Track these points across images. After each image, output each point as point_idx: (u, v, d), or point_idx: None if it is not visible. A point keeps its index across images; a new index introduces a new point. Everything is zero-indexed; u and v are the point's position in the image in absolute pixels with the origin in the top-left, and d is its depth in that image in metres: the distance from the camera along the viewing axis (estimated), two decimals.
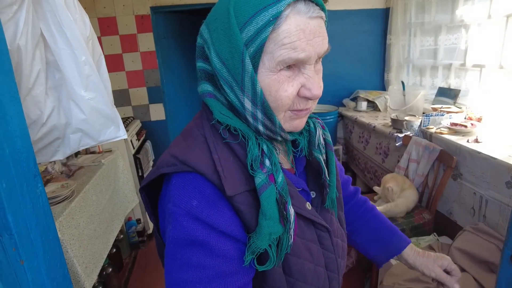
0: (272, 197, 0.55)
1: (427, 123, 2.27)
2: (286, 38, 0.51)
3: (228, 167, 0.55)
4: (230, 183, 0.54)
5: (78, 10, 0.71)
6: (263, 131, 0.58)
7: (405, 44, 3.42)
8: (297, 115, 0.59)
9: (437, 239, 1.97)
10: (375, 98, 3.29)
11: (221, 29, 0.54)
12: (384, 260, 0.88)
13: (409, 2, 3.23)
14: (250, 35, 0.51)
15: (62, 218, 1.51)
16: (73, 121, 0.73)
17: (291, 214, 0.57)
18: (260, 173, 0.55)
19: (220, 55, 0.54)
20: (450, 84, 2.82)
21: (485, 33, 2.44)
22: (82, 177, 2.04)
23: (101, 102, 0.71)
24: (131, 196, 2.65)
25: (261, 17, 0.50)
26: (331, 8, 3.47)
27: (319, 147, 0.68)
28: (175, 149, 0.58)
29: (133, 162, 2.75)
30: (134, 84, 3.34)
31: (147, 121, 3.44)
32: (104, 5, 3.09)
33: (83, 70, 0.66)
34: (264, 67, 0.53)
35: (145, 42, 3.26)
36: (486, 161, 1.74)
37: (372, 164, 2.95)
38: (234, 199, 0.54)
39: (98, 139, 0.77)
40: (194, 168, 0.54)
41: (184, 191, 0.54)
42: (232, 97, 0.57)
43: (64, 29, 0.63)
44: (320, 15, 0.54)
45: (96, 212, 1.94)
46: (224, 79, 0.56)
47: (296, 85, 0.55)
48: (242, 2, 0.52)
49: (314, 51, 0.53)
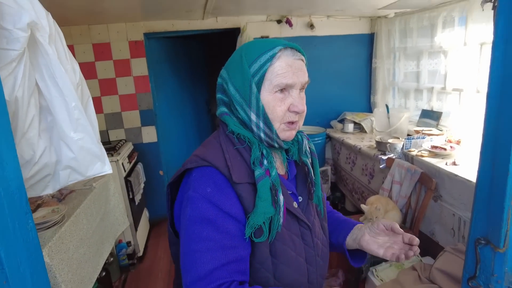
0: (266, 185, 0.75)
1: (408, 146, 2.36)
2: (279, 70, 0.77)
3: (236, 163, 0.77)
4: (236, 173, 0.75)
5: (70, 61, 0.79)
6: (264, 138, 0.80)
7: (390, 68, 3.57)
8: (289, 128, 0.81)
9: (420, 259, 2.02)
10: (362, 120, 3.39)
11: (236, 68, 0.80)
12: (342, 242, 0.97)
13: (392, 28, 3.39)
14: (256, 69, 0.77)
15: (51, 243, 1.54)
16: (63, 159, 0.80)
17: (281, 199, 0.76)
18: (259, 168, 0.76)
19: (235, 85, 0.79)
20: (433, 106, 2.94)
21: (462, 59, 2.58)
22: (73, 200, 2.07)
23: (89, 142, 0.80)
24: (121, 219, 2.68)
25: (263, 57, 0.77)
26: (319, 34, 3.61)
27: (306, 153, 0.89)
28: (197, 152, 0.80)
29: (124, 185, 2.79)
30: (127, 107, 3.41)
31: (139, 143, 3.49)
32: (99, 32, 3.20)
33: (73, 114, 0.75)
34: (264, 89, 0.78)
35: (138, 66, 3.35)
36: (462, 183, 1.82)
37: (359, 185, 3.02)
38: (239, 187, 0.75)
39: (86, 174, 0.85)
40: (210, 162, 0.75)
41: (201, 181, 0.75)
42: (242, 113, 0.80)
43: (56, 79, 0.72)
44: (301, 58, 0.81)
45: (87, 235, 1.97)
46: (237, 101, 0.79)
47: (286, 104, 0.79)
48: (250, 50, 0.79)
49: (298, 80, 0.78)
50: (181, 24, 3.35)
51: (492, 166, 0.76)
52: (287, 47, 0.78)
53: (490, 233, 0.74)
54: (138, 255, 3.04)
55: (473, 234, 0.79)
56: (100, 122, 3.37)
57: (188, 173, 0.79)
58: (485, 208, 0.77)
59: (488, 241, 0.75)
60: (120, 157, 2.79)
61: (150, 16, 3.09)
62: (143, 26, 3.28)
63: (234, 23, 3.42)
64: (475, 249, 0.78)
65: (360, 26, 3.71)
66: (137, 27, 3.27)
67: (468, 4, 2.43)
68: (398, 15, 3.27)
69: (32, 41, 0.76)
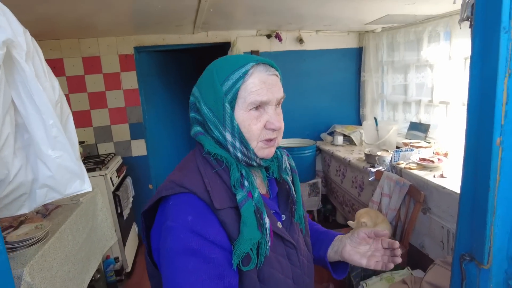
0: (250, 208, 0.71)
1: (397, 159, 2.37)
2: (253, 87, 0.74)
3: (216, 187, 0.72)
4: (218, 198, 0.70)
5: (48, 78, 0.78)
6: (241, 158, 0.76)
7: (378, 81, 3.62)
8: (267, 145, 0.78)
9: (411, 272, 2.01)
10: (351, 133, 3.42)
11: (208, 86, 0.76)
12: (324, 255, 0.96)
13: (380, 42, 3.45)
14: (228, 87, 0.74)
15: (33, 261, 1.50)
16: (40, 178, 0.78)
17: (266, 222, 0.73)
18: (240, 191, 0.72)
19: (207, 104, 0.76)
20: (421, 119, 2.98)
21: (448, 72, 2.63)
22: (58, 216, 2.03)
23: (67, 159, 0.78)
24: (109, 234, 2.63)
25: (235, 75, 0.74)
26: (308, 48, 3.66)
27: (286, 170, 0.87)
28: (173, 177, 0.75)
29: (112, 199, 2.74)
30: (117, 120, 3.39)
31: (128, 157, 3.46)
32: (88, 45, 3.19)
33: (50, 132, 0.73)
34: (238, 108, 0.75)
35: (129, 80, 3.35)
36: (450, 196, 1.83)
37: (349, 197, 3.02)
38: (221, 213, 0.70)
39: (64, 192, 0.83)
40: (189, 189, 0.70)
41: (181, 209, 0.69)
42: (217, 133, 0.76)
43: (33, 96, 0.70)
44: (275, 74, 0.78)
45: (72, 252, 1.92)
46: (211, 120, 0.76)
47: (262, 121, 0.76)
48: (221, 67, 0.76)
49: (273, 96, 0.76)
50: (171, 38, 3.37)
51: (474, 182, 0.76)
52: (260, 63, 0.76)
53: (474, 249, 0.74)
54: (126, 271, 2.97)
55: (458, 250, 0.79)
56: (89, 136, 3.33)
57: (165, 201, 0.73)
58: (468, 224, 0.77)
59: (473, 257, 0.75)
60: (108, 171, 2.75)
61: (141, 30, 3.11)
62: (133, 40, 3.29)
63: (225, 37, 3.45)
64: (460, 265, 0.78)
65: (348, 40, 3.77)
66: (128, 41, 3.27)
67: (452, 20, 2.50)
68: (385, 30, 3.34)
69: (8, 58, 0.75)
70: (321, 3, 2.34)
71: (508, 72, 0.64)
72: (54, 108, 0.77)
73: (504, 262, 0.74)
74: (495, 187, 0.68)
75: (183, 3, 2.14)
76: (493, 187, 0.68)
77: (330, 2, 2.29)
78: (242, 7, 2.43)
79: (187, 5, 2.20)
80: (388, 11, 2.56)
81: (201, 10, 2.32)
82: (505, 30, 0.63)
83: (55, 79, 0.84)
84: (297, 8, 2.50)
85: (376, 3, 2.33)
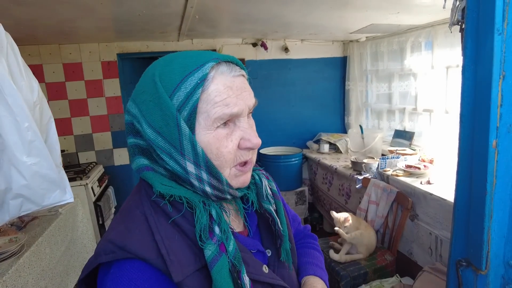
0: (224, 269, 0.53)
1: (384, 166, 2.38)
2: (217, 96, 0.54)
3: (173, 247, 0.52)
4: (177, 266, 0.51)
5: (26, 77, 0.72)
6: (211, 193, 0.57)
7: (362, 90, 3.66)
8: (242, 171, 0.60)
9: (400, 280, 2.00)
10: (337, 141, 3.43)
11: (150, 100, 0.55)
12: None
13: (364, 51, 3.51)
14: (181, 100, 0.54)
15: (6, 277, 1.40)
16: (13, 187, 0.71)
17: (246, 284, 0.55)
18: (210, 244, 0.53)
19: (153, 125, 0.55)
20: (405, 126, 3.02)
21: (431, 81, 2.68)
22: (35, 228, 1.93)
23: (45, 166, 0.71)
24: (90, 246, 2.52)
25: (189, 82, 0.54)
26: (293, 57, 3.68)
27: (267, 198, 0.68)
28: (113, 233, 0.54)
29: (94, 210, 2.65)
30: (98, 128, 3.29)
31: (111, 166, 3.36)
32: (70, 51, 3.11)
33: (25, 136, 0.66)
34: (200, 127, 0.55)
35: (111, 87, 3.27)
36: (437, 202, 1.83)
37: (336, 205, 3.01)
38: (184, 283, 0.51)
39: (42, 203, 0.76)
40: (134, 254, 0.50)
41: (120, 285, 0.50)
42: (172, 164, 0.56)
43: (6, 96, 0.64)
44: (242, 74, 0.60)
45: (49, 266, 1.82)
46: (161, 148, 0.56)
47: (235, 139, 0.57)
48: (167, 71, 0.55)
49: (245, 104, 0.57)
50: (156, 45, 3.32)
51: (469, 186, 0.75)
52: (221, 61, 0.57)
53: (471, 254, 0.73)
54: None
55: (453, 256, 0.77)
56: (70, 144, 3.22)
57: (104, 268, 0.54)
58: (464, 229, 0.75)
59: (470, 263, 0.74)
60: (89, 180, 2.66)
61: (124, 37, 3.05)
62: (116, 47, 3.22)
63: (210, 45, 3.43)
64: (456, 271, 0.76)
65: (333, 49, 3.82)
66: (111, 47, 3.21)
67: (433, 30, 2.56)
68: (369, 39, 3.40)
69: None
70: (307, 12, 2.36)
71: (503, 74, 0.63)
72: (32, 110, 0.71)
73: (501, 267, 0.73)
74: (492, 191, 0.67)
75: (168, 9, 2.11)
76: (490, 191, 0.67)
77: (316, 10, 2.31)
78: (228, 13, 2.42)
79: (173, 11, 2.17)
80: (373, 20, 2.60)
81: (187, 16, 2.30)
82: (498, 32, 0.63)
83: (34, 80, 0.78)
84: (283, 16, 2.51)
85: (361, 12, 2.37)
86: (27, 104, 0.69)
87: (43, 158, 0.71)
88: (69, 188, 0.83)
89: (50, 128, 0.79)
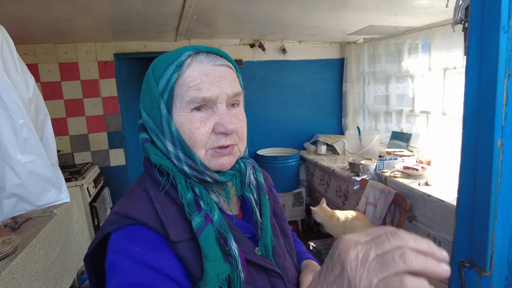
0: (210, 236, 0.56)
1: (381, 167, 2.38)
2: (191, 82, 0.60)
3: (171, 215, 0.58)
4: (174, 229, 0.56)
5: (21, 73, 0.70)
6: (189, 172, 0.61)
7: (360, 91, 3.66)
8: (219, 153, 0.63)
9: None
10: (334, 142, 3.43)
11: (146, 88, 0.65)
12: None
13: (362, 53, 3.51)
14: (163, 85, 0.61)
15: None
16: (7, 186, 0.69)
17: (234, 249, 0.57)
18: (196, 216, 0.57)
19: (146, 108, 0.65)
20: (403, 128, 3.02)
21: (428, 83, 2.69)
22: (29, 229, 1.90)
23: (41, 165, 0.69)
24: (85, 248, 2.49)
25: (169, 69, 0.61)
26: (290, 59, 3.68)
27: (250, 186, 0.68)
28: (117, 207, 0.60)
29: (89, 211, 2.61)
30: (94, 129, 3.26)
31: (106, 167, 3.32)
32: (66, 51, 3.08)
33: (20, 133, 0.64)
34: (176, 109, 0.61)
35: (108, 87, 3.24)
36: (436, 203, 1.83)
37: (334, 207, 3.00)
38: (179, 246, 0.56)
39: (37, 203, 0.74)
40: (136, 219, 0.56)
41: (126, 239, 0.55)
42: (159, 143, 0.63)
43: (0, 92, 0.62)
44: (226, 64, 0.64)
45: (43, 268, 1.79)
46: (151, 128, 0.64)
47: (210, 124, 0.61)
48: (158, 62, 0.64)
49: (220, 91, 0.61)
50: (153, 46, 3.30)
51: (473, 187, 0.74)
52: (200, 51, 0.62)
53: (474, 255, 0.72)
54: None
55: (456, 257, 0.76)
56: (65, 145, 3.19)
57: (110, 238, 0.58)
58: (467, 230, 0.74)
59: (473, 264, 0.73)
60: (85, 181, 2.63)
61: (121, 37, 3.02)
62: (113, 47, 3.20)
63: (207, 45, 3.42)
64: (459, 273, 0.75)
65: (330, 51, 3.82)
66: (107, 47, 3.18)
67: (431, 32, 2.57)
68: (367, 41, 3.40)
69: None
70: (305, 13, 2.35)
71: (508, 73, 0.63)
72: (27, 106, 0.69)
73: (505, 269, 0.72)
74: (496, 191, 0.66)
75: (166, 8, 2.09)
76: (495, 191, 0.66)
77: (314, 11, 2.31)
78: (226, 14, 2.41)
79: (170, 11, 2.15)
80: (371, 22, 2.60)
81: (185, 16, 2.28)
82: (504, 30, 0.62)
83: (30, 76, 0.75)
84: (281, 17, 2.50)
85: (359, 13, 2.37)
86: (22, 101, 0.67)
87: (39, 156, 0.69)
88: (65, 188, 0.81)
89: (46, 126, 0.77)
